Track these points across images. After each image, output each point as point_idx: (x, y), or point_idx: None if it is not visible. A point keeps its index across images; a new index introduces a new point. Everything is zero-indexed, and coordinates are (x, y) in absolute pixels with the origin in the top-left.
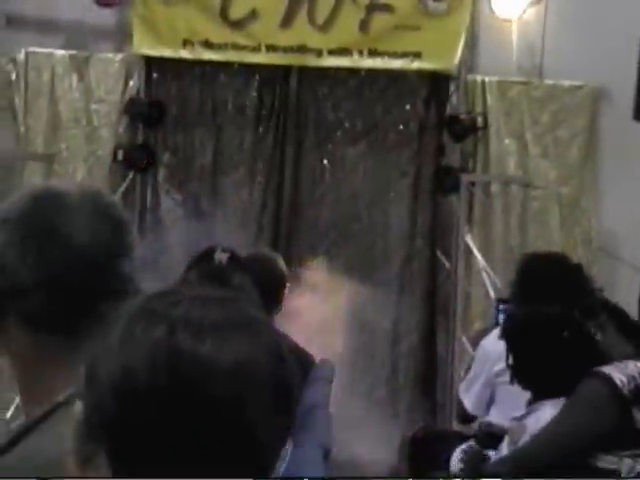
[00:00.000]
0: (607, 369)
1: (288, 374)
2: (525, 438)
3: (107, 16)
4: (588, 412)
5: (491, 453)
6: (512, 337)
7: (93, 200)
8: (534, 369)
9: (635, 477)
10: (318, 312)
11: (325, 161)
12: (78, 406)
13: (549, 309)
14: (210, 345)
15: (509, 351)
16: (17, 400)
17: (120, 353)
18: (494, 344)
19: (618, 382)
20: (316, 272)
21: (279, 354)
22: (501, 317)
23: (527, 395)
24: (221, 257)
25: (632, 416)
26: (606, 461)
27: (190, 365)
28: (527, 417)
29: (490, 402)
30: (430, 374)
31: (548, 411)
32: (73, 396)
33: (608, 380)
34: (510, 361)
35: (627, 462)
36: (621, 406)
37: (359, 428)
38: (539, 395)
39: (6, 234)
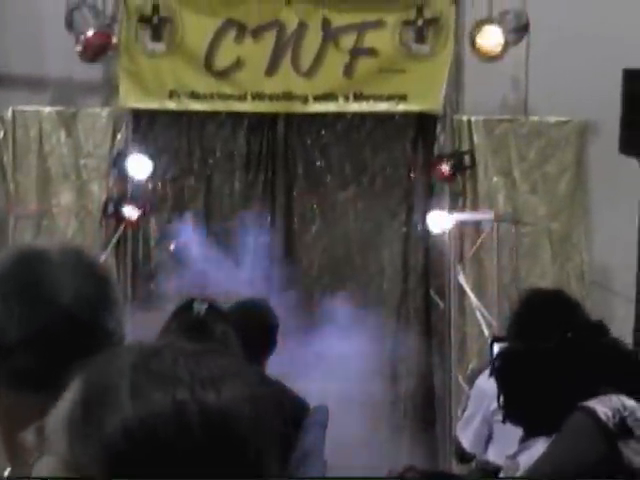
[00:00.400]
0: (591, 403)
1: (282, 422)
2: (518, 475)
3: (94, 71)
4: (575, 446)
5: None
6: (502, 375)
7: (75, 257)
8: (525, 406)
9: None
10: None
11: (315, 206)
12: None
13: (538, 346)
14: (228, 396)
15: (499, 389)
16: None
17: (135, 415)
18: (489, 382)
19: (602, 416)
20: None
21: (278, 400)
22: None
23: None
24: (200, 308)
25: (619, 450)
26: None
27: (223, 423)
28: (520, 454)
29: (488, 440)
30: (428, 414)
31: (541, 448)
32: None
33: (592, 414)
34: (501, 399)
35: None
36: (606, 440)
37: (358, 469)
38: (531, 432)
39: None
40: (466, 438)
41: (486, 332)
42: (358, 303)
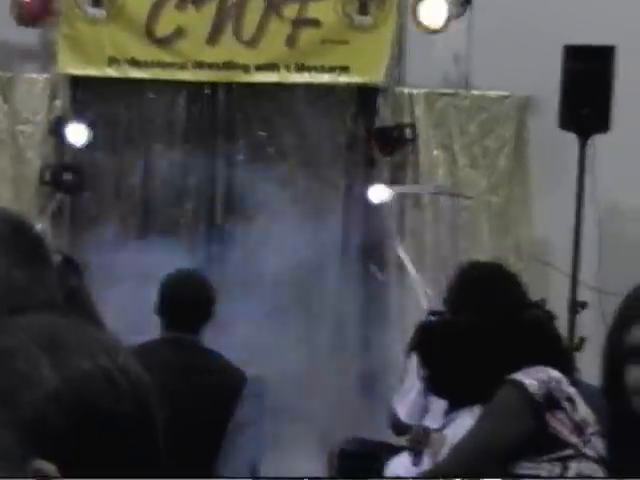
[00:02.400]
0: (519, 376)
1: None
2: (445, 449)
3: (32, 36)
4: (503, 419)
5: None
6: (424, 348)
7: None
8: (447, 379)
9: None
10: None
11: (256, 177)
12: None
13: (458, 319)
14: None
15: (421, 362)
16: None
17: (57, 379)
18: None
19: (530, 387)
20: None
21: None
22: None
23: None
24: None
25: (545, 421)
26: (525, 468)
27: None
28: (446, 428)
29: (423, 412)
30: (367, 387)
31: (466, 421)
32: None
33: (520, 386)
34: (423, 372)
35: (545, 467)
36: (534, 411)
37: (290, 444)
38: (455, 404)
39: None
40: (402, 409)
41: (425, 305)
42: (296, 275)
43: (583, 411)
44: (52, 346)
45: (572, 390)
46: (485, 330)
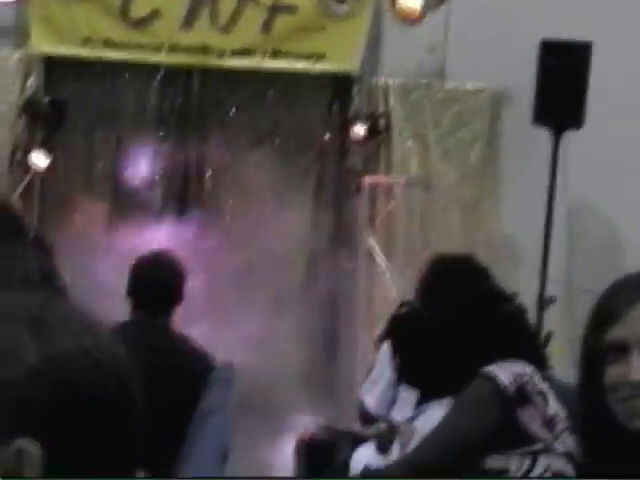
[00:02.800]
0: (492, 369)
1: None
2: (414, 440)
3: (5, 13)
4: (473, 412)
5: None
6: (397, 337)
7: None
8: (420, 369)
9: (524, 475)
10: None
11: (229, 162)
12: None
13: (432, 310)
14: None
15: (395, 351)
16: None
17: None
18: None
19: (502, 382)
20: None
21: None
22: None
23: None
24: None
25: (516, 415)
26: (495, 460)
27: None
28: (416, 419)
29: (391, 403)
30: (334, 377)
31: (436, 412)
32: None
33: (492, 380)
34: (396, 361)
35: (515, 459)
36: (506, 405)
37: (259, 433)
38: (426, 395)
39: None
40: (370, 400)
41: (394, 295)
42: (266, 261)
43: (554, 407)
44: (36, 324)
45: (544, 385)
46: (459, 322)
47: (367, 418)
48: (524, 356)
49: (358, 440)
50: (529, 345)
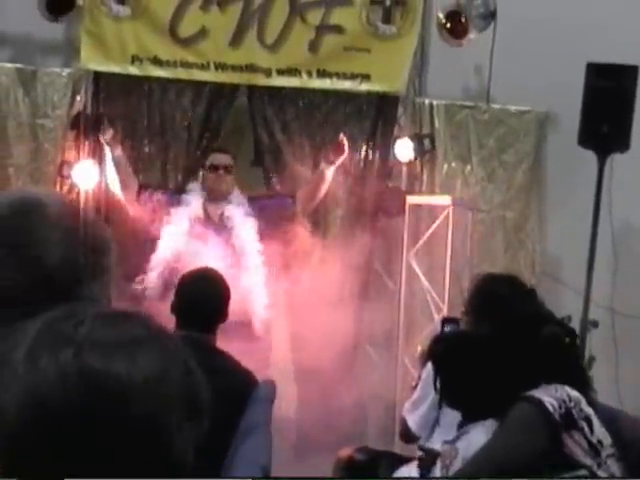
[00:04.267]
0: (538, 393)
1: (196, 385)
2: (457, 462)
3: (55, 31)
4: (520, 435)
5: None
6: (440, 358)
7: (73, 217)
8: (462, 391)
9: None
10: None
11: (274, 181)
12: None
13: (476, 331)
14: (119, 363)
15: (437, 373)
16: None
17: (26, 378)
18: None
19: (549, 406)
20: None
21: (187, 367)
22: None
23: None
24: None
25: (562, 441)
26: None
27: (102, 384)
28: (458, 440)
29: (434, 424)
30: (377, 397)
31: (479, 434)
32: None
33: (539, 404)
34: (438, 383)
35: None
36: (551, 430)
37: (300, 452)
38: (469, 417)
39: None
40: (413, 420)
41: (435, 316)
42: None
43: (599, 433)
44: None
45: (590, 411)
46: (502, 343)
47: (409, 437)
48: (569, 380)
49: (397, 461)
50: (574, 369)
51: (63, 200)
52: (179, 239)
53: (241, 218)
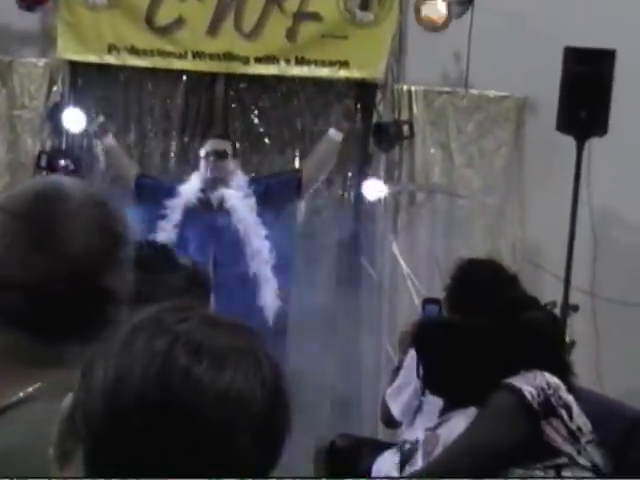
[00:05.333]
0: (517, 381)
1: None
2: (438, 449)
3: (31, 21)
4: (499, 424)
5: None
6: (422, 345)
7: (95, 208)
8: (445, 378)
9: None
10: None
11: (252, 169)
12: (67, 400)
13: (459, 318)
14: (206, 366)
15: (419, 360)
16: None
17: (118, 358)
18: None
19: (528, 395)
20: None
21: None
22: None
23: None
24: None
25: (541, 429)
26: (517, 474)
27: (182, 382)
28: (440, 427)
29: (417, 411)
30: (357, 382)
31: (460, 421)
32: (28, 398)
33: (518, 392)
34: (420, 370)
35: (537, 474)
36: (530, 419)
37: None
38: (450, 404)
39: (1, 225)
40: (396, 406)
41: (416, 301)
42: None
43: (579, 419)
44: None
45: (570, 398)
46: (483, 330)
47: (392, 423)
48: (550, 366)
49: (379, 447)
50: (554, 355)
51: (86, 190)
52: (172, 233)
53: (241, 201)
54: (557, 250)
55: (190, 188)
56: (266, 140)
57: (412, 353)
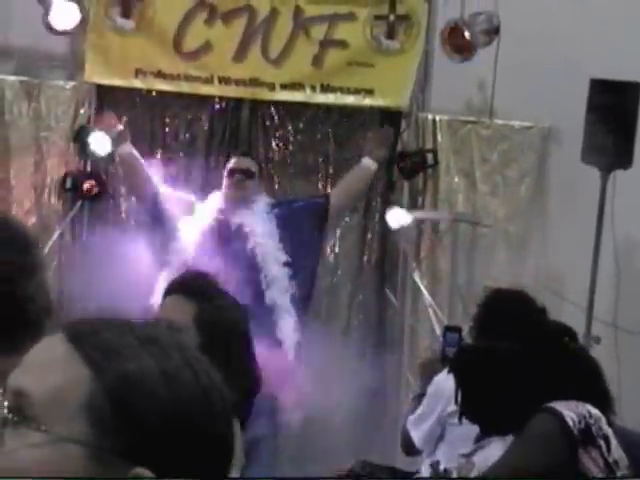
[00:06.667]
0: (559, 406)
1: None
2: (472, 475)
3: (60, 44)
4: (537, 446)
5: None
6: (461, 371)
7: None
8: (482, 405)
9: None
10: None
11: (274, 194)
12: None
13: (500, 344)
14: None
15: (457, 385)
16: None
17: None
18: (448, 381)
19: (569, 420)
20: None
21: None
22: (449, 348)
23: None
24: None
25: (578, 456)
26: None
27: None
28: (475, 454)
29: (439, 440)
30: (380, 408)
31: (497, 449)
32: None
33: (559, 416)
34: (458, 395)
35: None
36: (569, 444)
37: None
38: (487, 431)
39: None
40: (417, 435)
41: (437, 331)
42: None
43: (616, 453)
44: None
45: (609, 430)
46: (526, 357)
47: (412, 451)
48: (592, 397)
49: (397, 476)
50: (599, 387)
51: None
52: (185, 255)
53: (262, 225)
54: (579, 280)
55: (208, 208)
56: (290, 166)
57: (435, 381)
